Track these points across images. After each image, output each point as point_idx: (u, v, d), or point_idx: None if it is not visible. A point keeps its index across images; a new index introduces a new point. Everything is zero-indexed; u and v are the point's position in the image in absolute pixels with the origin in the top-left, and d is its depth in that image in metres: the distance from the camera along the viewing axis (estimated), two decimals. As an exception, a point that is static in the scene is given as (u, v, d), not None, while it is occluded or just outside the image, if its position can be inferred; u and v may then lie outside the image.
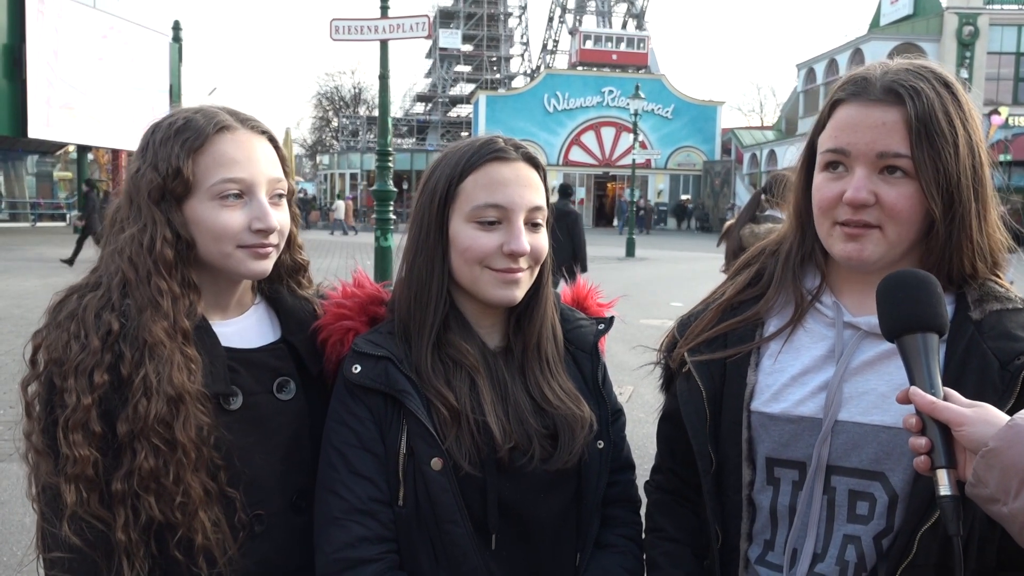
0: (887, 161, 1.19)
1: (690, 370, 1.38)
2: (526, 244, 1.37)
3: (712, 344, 1.39)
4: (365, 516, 1.33)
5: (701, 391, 1.36)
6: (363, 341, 1.40)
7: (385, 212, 11.28)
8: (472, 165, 1.38)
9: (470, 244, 1.37)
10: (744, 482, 1.32)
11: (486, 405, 1.37)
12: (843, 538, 1.24)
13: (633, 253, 24.29)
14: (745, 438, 1.32)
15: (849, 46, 35.73)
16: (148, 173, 1.32)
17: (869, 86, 1.22)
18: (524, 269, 1.39)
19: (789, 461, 1.29)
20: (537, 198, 1.40)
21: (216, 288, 1.41)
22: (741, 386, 1.33)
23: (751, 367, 1.34)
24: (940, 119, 1.18)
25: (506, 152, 1.40)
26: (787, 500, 1.29)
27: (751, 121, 61.06)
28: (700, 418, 1.36)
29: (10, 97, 25.32)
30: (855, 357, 1.26)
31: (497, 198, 1.37)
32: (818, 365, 1.29)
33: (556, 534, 1.43)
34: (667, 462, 1.50)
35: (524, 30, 65.75)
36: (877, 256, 1.23)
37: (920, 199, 1.20)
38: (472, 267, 1.38)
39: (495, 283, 1.38)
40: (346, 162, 50.96)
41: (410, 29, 10.99)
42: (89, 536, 1.22)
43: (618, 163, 45.07)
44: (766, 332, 1.36)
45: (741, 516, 1.34)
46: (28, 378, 1.28)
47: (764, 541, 1.33)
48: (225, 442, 1.30)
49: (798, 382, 1.29)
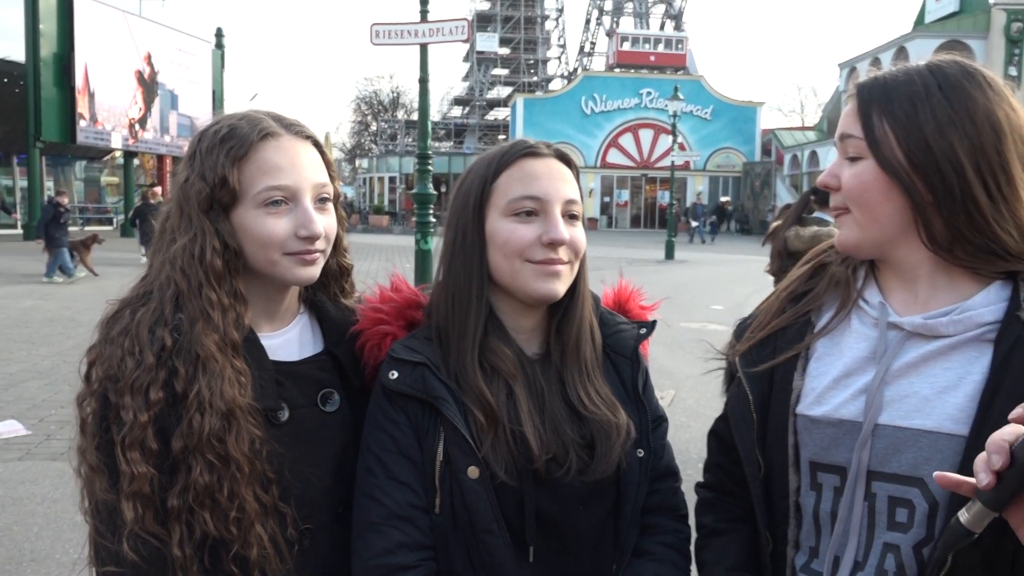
0: (846, 146, 1.24)
1: (740, 376, 1.36)
2: (564, 232, 1.35)
3: (763, 346, 1.36)
4: (404, 522, 1.31)
5: (748, 396, 1.34)
6: (400, 347, 1.39)
7: (425, 215, 11.35)
8: (505, 163, 1.39)
9: (509, 236, 1.36)
10: (791, 488, 1.30)
11: (523, 414, 1.34)
12: (883, 546, 1.20)
13: (672, 256, 24.13)
14: (791, 443, 1.29)
15: (893, 44, 35.09)
16: (196, 183, 1.31)
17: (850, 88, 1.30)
18: (564, 261, 1.38)
19: (830, 466, 1.26)
20: (572, 191, 1.40)
21: (266, 296, 1.41)
22: (787, 391, 1.31)
23: (798, 371, 1.31)
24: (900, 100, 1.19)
25: (537, 148, 1.41)
26: (829, 506, 1.26)
27: (792, 122, 60.37)
28: (747, 424, 1.33)
29: (60, 104, 25.93)
30: (898, 359, 1.22)
31: (532, 190, 1.36)
32: (860, 367, 1.26)
33: (594, 545, 1.40)
34: (716, 458, 1.47)
35: (561, 32, 65.61)
36: (853, 239, 1.25)
37: (878, 177, 1.19)
38: (512, 261, 1.36)
39: (536, 276, 1.36)
40: (385, 166, 51.40)
41: (449, 33, 11.06)
42: (145, 553, 1.21)
43: (656, 165, 44.79)
44: (816, 329, 1.34)
45: (788, 522, 1.31)
46: (83, 394, 1.28)
47: (809, 548, 1.30)
48: (276, 455, 1.30)
49: (840, 384, 1.26)
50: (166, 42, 31.07)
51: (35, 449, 5.77)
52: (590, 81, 47.06)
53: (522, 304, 1.41)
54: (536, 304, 1.42)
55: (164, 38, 31.03)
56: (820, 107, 53.23)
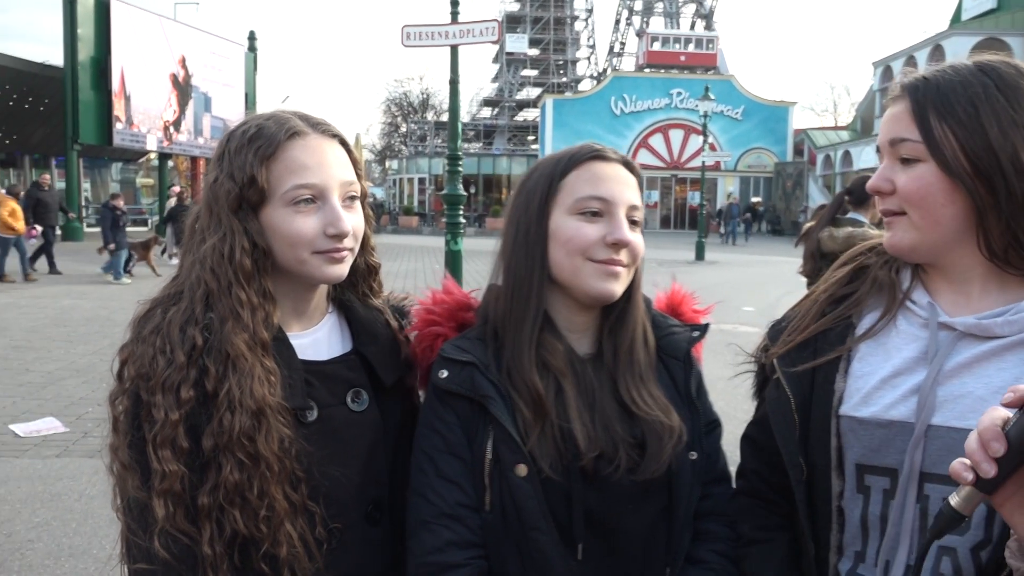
0: (899, 149, 1.22)
1: (779, 378, 1.34)
2: (628, 234, 1.38)
3: (803, 348, 1.35)
4: (453, 520, 1.33)
5: (790, 399, 1.32)
6: (450, 347, 1.41)
7: (455, 216, 11.37)
8: (574, 163, 1.42)
9: (573, 234, 1.38)
10: (833, 492, 1.28)
11: (571, 411, 1.35)
12: (938, 549, 1.18)
13: (703, 256, 23.95)
14: (834, 446, 1.27)
15: (929, 42, 34.48)
16: (225, 183, 1.32)
17: (892, 89, 1.27)
18: (624, 264, 1.40)
19: (880, 468, 1.24)
20: (635, 197, 1.43)
21: (295, 295, 1.41)
22: (829, 392, 1.29)
23: (840, 372, 1.29)
24: (960, 102, 1.17)
25: (605, 153, 1.44)
26: (878, 509, 1.24)
27: (825, 121, 59.73)
28: (789, 427, 1.32)
29: (97, 107, 26.41)
30: (950, 359, 1.21)
31: (600, 191, 1.39)
32: (910, 367, 1.24)
33: (645, 547, 1.40)
34: (751, 464, 1.46)
35: (590, 33, 65.60)
36: (909, 242, 1.23)
37: (939, 179, 1.18)
38: (574, 258, 1.38)
39: (597, 275, 1.38)
40: (414, 167, 51.64)
41: (480, 34, 11.08)
42: (175, 550, 1.22)
43: (687, 166, 44.54)
44: (858, 332, 1.32)
45: (831, 527, 1.29)
46: (115, 392, 1.29)
47: (855, 553, 1.28)
48: (305, 454, 1.30)
49: (889, 384, 1.24)
50: (200, 45, 31.50)
51: (72, 446, 5.88)
52: (620, 81, 46.92)
53: (577, 303, 1.43)
54: (593, 304, 1.43)
55: (198, 41, 31.46)
56: (854, 106, 52.51)
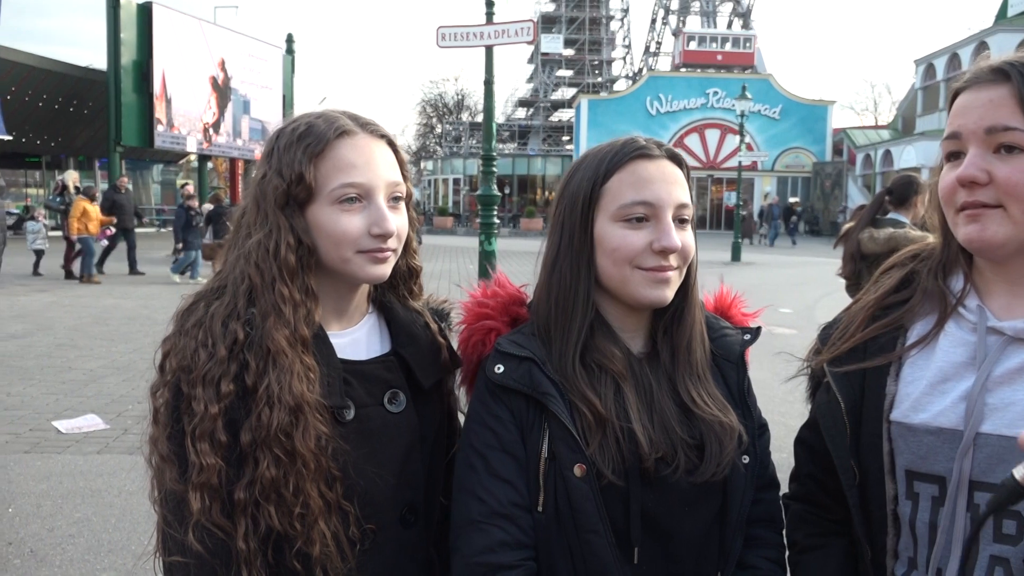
0: (999, 137, 1.13)
1: (829, 381, 1.31)
2: (677, 240, 1.32)
3: (852, 354, 1.32)
4: (505, 520, 1.30)
5: (840, 403, 1.29)
6: (506, 341, 1.38)
7: (489, 216, 11.39)
8: (616, 164, 1.36)
9: (619, 244, 1.33)
10: (888, 496, 1.25)
11: (632, 412, 1.32)
12: (990, 559, 1.15)
13: (739, 257, 23.70)
14: (886, 451, 1.24)
15: (973, 39, 33.76)
16: (273, 179, 1.33)
17: (980, 71, 1.17)
18: (674, 268, 1.35)
19: (928, 475, 1.21)
20: (683, 195, 1.36)
21: (337, 294, 1.41)
22: (880, 396, 1.26)
23: (891, 376, 1.26)
24: None
25: (649, 149, 1.37)
26: (927, 516, 1.21)
27: (864, 120, 58.79)
28: (840, 431, 1.29)
29: (138, 110, 26.88)
30: (999, 365, 1.17)
31: (645, 195, 1.33)
32: (958, 372, 1.20)
33: (699, 552, 1.37)
34: (806, 468, 1.43)
35: (626, 33, 65.11)
36: (1002, 237, 1.14)
37: None
38: (622, 268, 1.34)
39: (646, 283, 1.34)
40: (449, 167, 51.87)
41: (515, 34, 11.08)
42: (210, 544, 1.23)
43: (723, 166, 44.13)
44: (908, 340, 1.29)
45: (887, 531, 1.27)
46: (156, 384, 1.30)
47: (908, 559, 1.26)
48: (341, 452, 1.30)
49: (937, 390, 1.21)
50: (239, 48, 31.92)
51: (113, 443, 5.98)
52: (655, 81, 46.60)
53: (628, 307, 1.40)
54: (644, 309, 1.40)
55: (237, 44, 31.89)
56: (895, 105, 51.61)
